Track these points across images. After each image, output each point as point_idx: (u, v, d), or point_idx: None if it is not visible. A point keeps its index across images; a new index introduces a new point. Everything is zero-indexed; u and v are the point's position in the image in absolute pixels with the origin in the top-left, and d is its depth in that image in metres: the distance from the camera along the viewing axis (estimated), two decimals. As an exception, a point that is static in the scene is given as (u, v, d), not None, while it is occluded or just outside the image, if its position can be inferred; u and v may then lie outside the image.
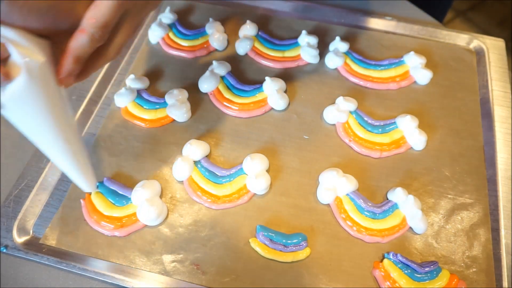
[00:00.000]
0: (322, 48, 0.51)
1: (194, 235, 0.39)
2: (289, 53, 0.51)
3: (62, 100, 0.31)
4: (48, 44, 0.29)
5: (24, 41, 0.27)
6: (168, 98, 0.46)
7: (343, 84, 0.49)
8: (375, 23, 0.56)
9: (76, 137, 0.33)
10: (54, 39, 0.30)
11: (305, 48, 0.50)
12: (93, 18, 0.29)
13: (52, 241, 0.38)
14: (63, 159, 0.32)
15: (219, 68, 0.48)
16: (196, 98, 0.47)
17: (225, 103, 0.46)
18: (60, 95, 0.30)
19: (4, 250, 0.38)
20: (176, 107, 0.45)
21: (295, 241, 0.38)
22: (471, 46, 0.54)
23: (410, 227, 0.39)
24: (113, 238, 0.38)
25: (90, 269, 0.37)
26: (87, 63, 0.32)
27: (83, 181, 0.35)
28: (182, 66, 0.50)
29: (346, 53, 0.51)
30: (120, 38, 0.32)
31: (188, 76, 0.49)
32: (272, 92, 0.46)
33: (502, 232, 0.40)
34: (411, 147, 0.44)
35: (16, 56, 0.26)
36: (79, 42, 0.29)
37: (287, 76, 0.49)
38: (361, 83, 0.49)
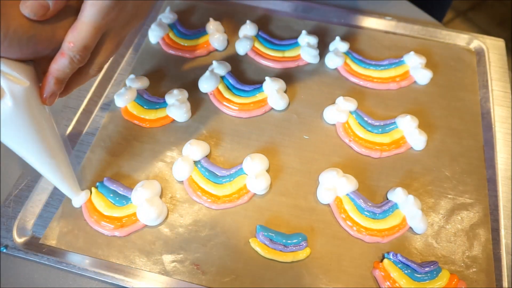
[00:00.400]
0: (322, 48, 0.51)
1: (194, 235, 0.39)
2: (289, 53, 0.51)
3: (47, 118, 0.32)
4: (32, 68, 0.30)
5: (7, 68, 0.28)
6: (168, 98, 0.46)
7: (343, 84, 0.49)
8: (375, 23, 0.56)
9: (60, 151, 0.35)
10: (38, 61, 0.30)
11: (305, 48, 0.50)
12: (71, 41, 0.29)
13: (52, 241, 0.38)
14: (48, 172, 0.35)
15: (219, 68, 0.48)
16: (196, 98, 0.47)
17: (225, 103, 0.46)
18: (45, 113, 0.32)
19: (4, 250, 0.38)
20: (176, 107, 0.45)
21: (295, 241, 0.38)
22: (471, 46, 0.54)
23: (410, 227, 0.39)
24: (113, 238, 0.38)
25: (90, 269, 0.37)
26: (69, 82, 0.32)
27: (68, 190, 0.38)
28: (182, 66, 0.50)
29: (346, 53, 0.51)
30: (101, 57, 0.33)
31: (188, 76, 0.49)
32: (272, 92, 0.46)
33: (502, 232, 0.40)
34: (411, 147, 0.44)
35: (1, 81, 0.28)
36: (59, 65, 0.30)
37: (287, 76, 0.49)
38: (361, 83, 0.49)
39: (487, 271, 0.38)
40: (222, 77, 0.48)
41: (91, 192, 0.40)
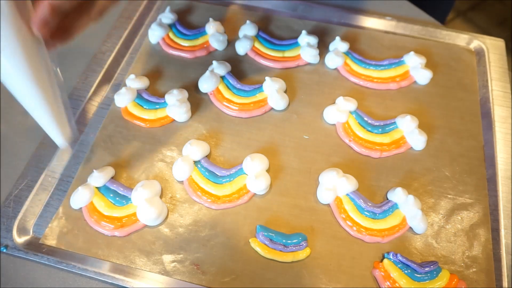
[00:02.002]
0: (322, 48, 0.51)
1: (194, 235, 0.39)
2: (289, 53, 0.51)
3: (39, 48, 0.30)
4: None
5: None
6: (168, 98, 0.46)
7: (343, 84, 0.49)
8: (375, 23, 0.56)
9: (53, 87, 0.32)
10: None
11: (305, 48, 0.50)
12: None
13: (52, 241, 0.38)
14: (35, 107, 0.32)
15: (219, 68, 0.48)
16: (196, 98, 0.47)
17: (225, 103, 0.46)
18: (36, 43, 0.30)
19: (4, 250, 0.38)
20: (176, 107, 0.45)
21: (295, 241, 0.38)
22: (471, 46, 0.54)
23: (410, 227, 0.39)
24: (113, 238, 0.38)
25: (90, 269, 0.37)
26: (69, 23, 0.31)
27: (56, 132, 0.34)
28: (182, 66, 0.50)
29: (346, 53, 0.51)
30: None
31: (188, 76, 0.49)
32: (272, 92, 0.46)
33: (502, 232, 0.40)
34: (411, 147, 0.44)
35: None
36: None
37: (287, 76, 0.49)
38: (361, 83, 0.49)
39: (487, 271, 0.38)
40: (222, 77, 0.48)
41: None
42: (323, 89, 0.49)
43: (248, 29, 0.52)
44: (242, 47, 0.51)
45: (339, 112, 0.45)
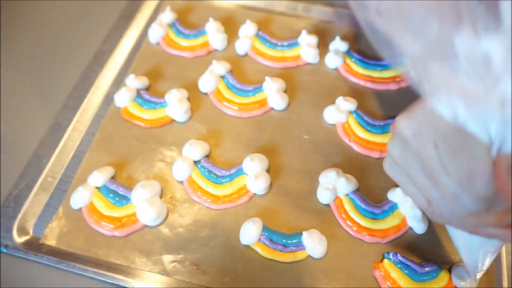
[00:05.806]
0: (322, 48, 0.51)
1: (194, 235, 0.39)
2: (289, 53, 0.51)
3: None
4: None
5: None
6: (168, 98, 0.46)
7: (343, 84, 0.49)
8: (375, 23, 0.56)
9: None
10: None
11: (305, 48, 0.50)
12: None
13: (52, 241, 0.38)
14: None
15: (219, 68, 0.48)
16: (196, 98, 0.47)
17: (225, 103, 0.46)
18: None
19: (4, 250, 0.38)
20: (176, 107, 0.45)
21: (295, 241, 0.38)
22: (471, 46, 0.54)
23: (410, 227, 0.39)
24: (112, 238, 0.38)
25: (90, 269, 0.37)
26: None
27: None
28: (182, 66, 0.50)
29: (346, 53, 0.51)
30: None
31: (188, 76, 0.49)
32: (272, 92, 0.46)
33: (502, 232, 0.40)
34: (411, 147, 0.44)
35: None
36: None
37: (287, 76, 0.49)
38: (361, 83, 0.49)
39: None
40: (222, 77, 0.48)
41: None
42: (323, 89, 0.49)
43: (248, 29, 0.52)
44: (242, 47, 0.51)
45: (339, 112, 0.45)
